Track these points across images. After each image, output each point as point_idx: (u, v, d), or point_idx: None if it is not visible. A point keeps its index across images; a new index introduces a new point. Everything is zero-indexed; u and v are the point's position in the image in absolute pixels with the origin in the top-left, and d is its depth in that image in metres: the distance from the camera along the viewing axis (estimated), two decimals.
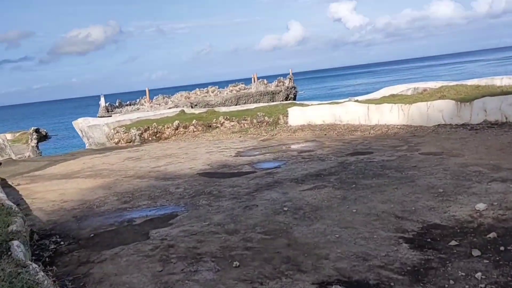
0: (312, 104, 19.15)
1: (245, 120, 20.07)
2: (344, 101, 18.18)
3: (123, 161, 14.75)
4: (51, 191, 10.85)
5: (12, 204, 6.96)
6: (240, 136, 18.41)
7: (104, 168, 13.61)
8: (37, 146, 20.04)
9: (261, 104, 22.93)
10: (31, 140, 20.14)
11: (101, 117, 38.46)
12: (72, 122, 19.96)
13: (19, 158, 17.33)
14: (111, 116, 37.16)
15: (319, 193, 8.50)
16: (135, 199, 9.41)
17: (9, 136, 24.51)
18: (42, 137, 25.13)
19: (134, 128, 19.30)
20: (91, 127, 19.24)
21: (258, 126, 19.42)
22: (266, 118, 19.66)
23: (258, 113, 19.95)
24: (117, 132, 19.35)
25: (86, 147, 19.22)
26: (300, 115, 18.36)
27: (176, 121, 19.94)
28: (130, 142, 19.22)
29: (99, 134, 19.33)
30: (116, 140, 19.32)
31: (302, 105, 19.59)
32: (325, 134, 16.07)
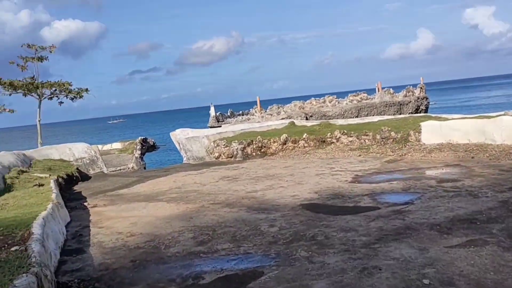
0: (452, 118, 15.95)
1: (366, 135, 17.47)
2: (498, 115, 14.75)
3: (217, 181, 13.08)
4: (123, 218, 9.40)
5: (40, 248, 5.35)
6: (359, 155, 15.89)
7: (193, 190, 12.02)
8: (141, 157, 19.40)
9: (386, 117, 20.09)
10: (136, 150, 19.59)
11: (211, 127, 38.18)
12: (170, 134, 19.04)
13: (111, 171, 16.66)
14: (220, 126, 36.74)
15: (477, 254, 5.81)
16: (214, 238, 7.49)
17: (118, 145, 24.58)
18: (149, 147, 24.79)
19: (236, 141, 17.73)
20: (189, 139, 18.08)
21: (382, 143, 16.71)
22: (393, 133, 16.87)
23: (383, 128, 17.23)
24: (217, 145, 17.93)
25: (183, 161, 18.08)
26: (436, 131, 15.31)
27: (284, 134, 17.99)
28: (231, 157, 17.67)
29: (198, 147, 18.08)
30: (216, 154, 17.90)
31: (438, 118, 16.47)
32: (473, 157, 12.93)
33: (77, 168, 14.91)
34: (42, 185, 10.06)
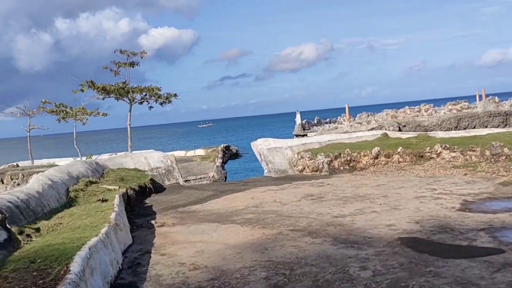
0: None
1: (473, 150, 15.23)
2: None
3: (299, 200, 11.67)
4: (190, 243, 8.29)
5: None
6: (465, 174, 13.77)
7: (272, 210, 10.70)
8: (222, 166, 18.43)
9: (497, 130, 17.61)
10: (217, 158, 18.70)
11: (296, 135, 36.80)
12: (251, 144, 17.91)
13: (191, 180, 15.82)
14: (306, 135, 35.22)
15: None
16: (291, 282, 6.11)
17: (201, 152, 23.94)
18: (232, 155, 23.88)
19: (322, 154, 16.20)
20: (271, 150, 16.82)
21: (493, 160, 14.41)
22: (506, 149, 14.51)
23: (493, 142, 14.90)
24: (302, 157, 16.51)
25: (264, 174, 16.86)
26: None
27: (376, 147, 16.18)
28: (316, 171, 16.17)
29: (281, 159, 16.77)
30: (300, 167, 16.49)
31: None
32: None
33: (151, 179, 14.22)
34: (106, 200, 9.25)
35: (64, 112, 31.56)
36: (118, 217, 8.06)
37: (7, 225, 6.59)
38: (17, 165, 31.09)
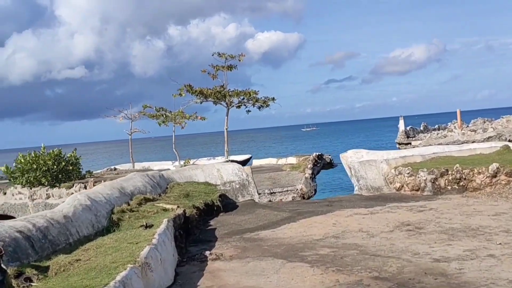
0: None
1: None
2: None
3: (392, 231, 9.42)
4: None
5: None
6: None
7: (354, 244, 8.59)
8: (312, 178, 16.37)
9: None
10: (307, 169, 16.71)
11: (399, 144, 33.57)
12: (340, 156, 15.75)
13: (271, 194, 14.04)
14: (410, 143, 31.91)
15: None
16: None
17: (293, 160, 22.04)
18: (325, 165, 21.74)
19: (425, 169, 13.61)
20: (363, 164, 14.54)
21: None
22: None
23: None
24: (400, 173, 14.03)
25: (354, 192, 14.64)
26: None
27: (495, 163, 13.25)
28: (417, 190, 13.64)
29: (374, 175, 14.42)
30: (398, 185, 14.04)
31: None
32: None
33: (222, 195, 12.74)
34: (151, 226, 7.78)
35: (164, 116, 32.02)
36: (154, 253, 6.50)
37: (1, 265, 5.27)
38: (115, 169, 31.63)
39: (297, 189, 14.37)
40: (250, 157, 33.73)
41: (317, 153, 19.28)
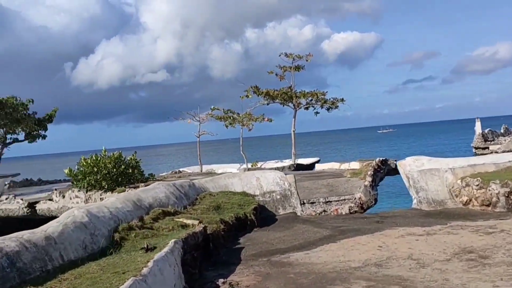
0: None
1: None
2: None
3: (448, 260, 7.78)
4: None
5: None
6: None
7: (398, 277, 7.07)
8: (372, 186, 14.75)
9: None
10: (367, 176, 15.13)
11: (475, 148, 30.59)
12: (397, 164, 14.00)
13: (326, 203, 12.63)
14: (487, 148, 28.94)
15: None
16: None
17: (356, 165, 20.44)
18: (390, 171, 19.90)
19: (498, 181, 11.62)
20: (424, 173, 12.72)
21: None
22: None
23: None
24: (467, 185, 12.12)
25: (412, 205, 12.87)
26: None
27: None
28: (487, 205, 11.69)
29: (437, 186, 12.57)
30: (464, 198, 12.14)
31: None
32: None
33: (260, 206, 11.52)
34: (153, 248, 6.71)
35: (231, 118, 31.55)
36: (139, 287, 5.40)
37: None
38: (179, 171, 31.38)
39: (355, 198, 12.87)
40: (318, 160, 32.41)
41: (381, 158, 17.48)
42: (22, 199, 18.67)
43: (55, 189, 17.40)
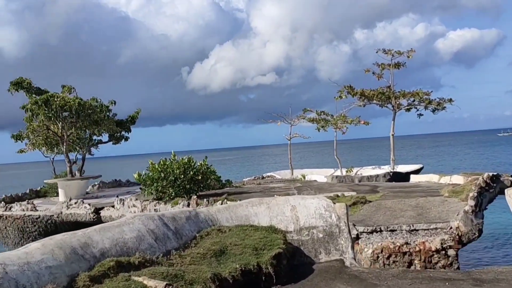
0: None
1: None
2: None
3: None
4: None
5: None
6: None
7: None
8: (476, 212, 11.06)
9: None
10: (470, 198, 11.55)
11: None
12: (506, 192, 10.31)
13: (410, 232, 9.53)
14: None
15: None
16: None
17: (459, 179, 16.58)
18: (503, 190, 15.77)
19: None
20: None
21: None
22: None
23: None
24: None
25: None
26: None
27: None
28: None
29: None
30: None
31: None
32: None
33: (291, 248, 8.79)
34: None
35: (324, 121, 29.49)
36: None
37: None
38: (262, 177, 29.31)
39: (450, 228, 9.57)
40: (421, 168, 28.79)
41: (490, 174, 13.74)
42: (89, 205, 17.68)
43: (117, 196, 16.10)
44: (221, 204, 11.54)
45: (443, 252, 9.00)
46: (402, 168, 28.07)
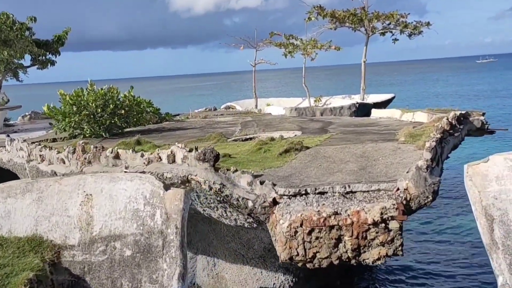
0: None
1: None
2: None
3: None
4: None
5: None
6: None
7: None
8: (433, 166, 8.27)
9: None
10: (427, 148, 8.92)
11: None
12: (464, 169, 7.73)
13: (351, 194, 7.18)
14: None
15: None
16: None
17: (423, 116, 13.93)
18: (473, 131, 13.20)
19: None
20: None
21: None
22: None
23: None
24: None
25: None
26: None
27: None
28: None
29: None
30: None
31: None
32: None
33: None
34: None
35: (293, 46, 26.71)
36: None
37: None
38: (215, 109, 26.72)
39: (397, 189, 7.19)
40: (393, 98, 26.46)
41: (457, 113, 11.31)
42: None
43: (8, 135, 13.37)
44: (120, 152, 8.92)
45: (383, 225, 6.66)
46: (372, 98, 25.71)
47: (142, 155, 8.62)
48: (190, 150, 8.05)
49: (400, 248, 6.74)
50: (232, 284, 11.23)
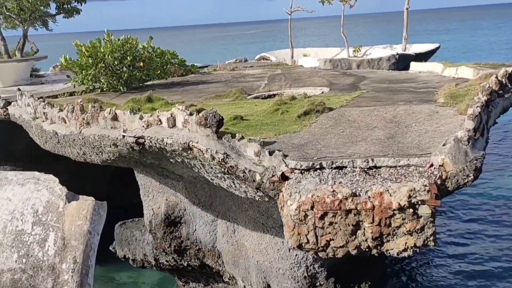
0: None
1: None
2: None
3: None
4: None
5: None
6: None
7: None
8: (473, 139, 6.90)
9: None
10: (470, 114, 7.49)
11: None
12: None
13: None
14: None
15: None
16: None
17: (468, 72, 12.22)
18: None
19: None
20: None
21: None
22: None
23: None
24: None
25: None
26: None
27: None
28: None
29: None
30: None
31: None
32: None
33: None
34: None
35: None
36: None
37: None
38: (245, 60, 25.39)
39: (431, 165, 5.91)
40: (437, 48, 24.07)
41: (510, 68, 9.64)
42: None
43: (19, 89, 12.64)
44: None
45: (411, 210, 5.49)
46: (414, 48, 23.58)
47: (141, 117, 7.66)
48: (191, 114, 7.00)
49: (432, 238, 5.58)
50: (253, 253, 10.41)
